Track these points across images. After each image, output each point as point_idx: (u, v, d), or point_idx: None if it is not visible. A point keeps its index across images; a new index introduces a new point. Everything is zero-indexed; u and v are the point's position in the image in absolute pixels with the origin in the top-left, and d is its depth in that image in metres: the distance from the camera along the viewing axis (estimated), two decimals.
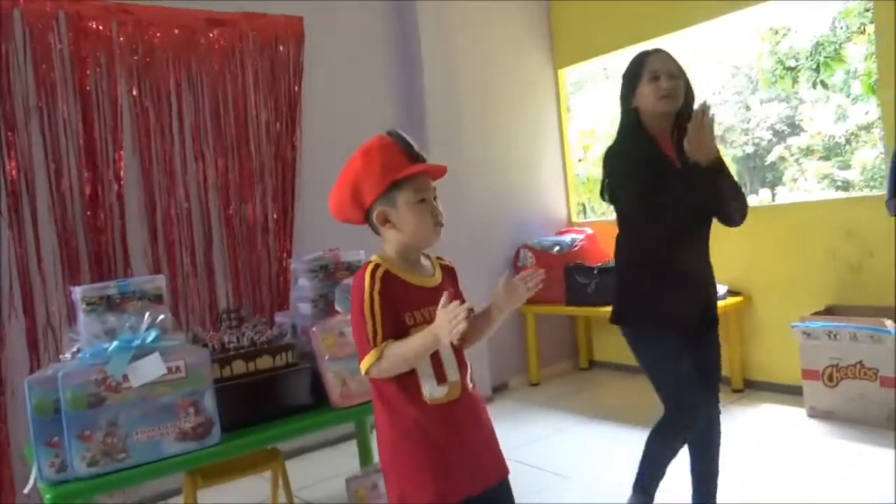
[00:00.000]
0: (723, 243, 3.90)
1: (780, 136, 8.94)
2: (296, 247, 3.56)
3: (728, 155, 9.80)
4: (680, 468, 2.25)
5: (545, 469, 3.07)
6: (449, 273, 1.65)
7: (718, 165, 2.01)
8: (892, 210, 3.00)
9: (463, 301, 1.45)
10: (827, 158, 7.92)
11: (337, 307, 2.36)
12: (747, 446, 3.10)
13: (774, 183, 9.00)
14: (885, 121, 3.39)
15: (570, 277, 4.19)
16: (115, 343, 1.83)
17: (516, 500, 1.67)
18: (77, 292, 1.98)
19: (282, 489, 2.67)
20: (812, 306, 3.53)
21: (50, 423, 1.77)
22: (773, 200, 9.30)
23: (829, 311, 3.46)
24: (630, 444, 2.26)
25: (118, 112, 3.08)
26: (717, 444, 2.28)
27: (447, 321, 1.36)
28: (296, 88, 3.62)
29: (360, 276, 1.50)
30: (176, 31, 3.24)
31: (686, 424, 2.14)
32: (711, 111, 1.94)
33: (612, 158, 2.17)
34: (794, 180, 8.51)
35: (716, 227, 2.28)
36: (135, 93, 3.13)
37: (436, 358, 1.50)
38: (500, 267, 4.57)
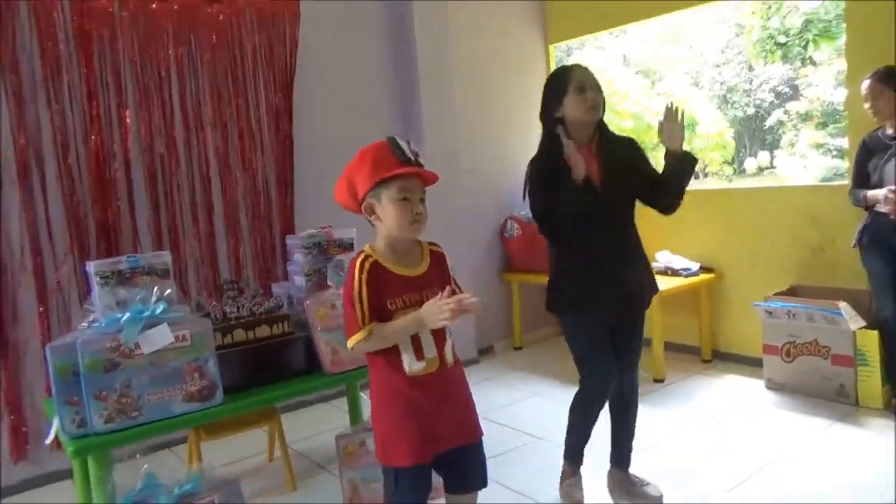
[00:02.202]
0: (698, 223, 4.15)
1: (781, 97, 8.94)
2: (296, 219, 3.74)
3: (729, 116, 9.89)
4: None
5: (521, 430, 3.31)
6: (437, 259, 1.87)
7: (686, 154, 2.34)
8: (853, 200, 3.21)
9: (452, 285, 1.77)
10: (825, 125, 8.01)
11: (329, 282, 2.55)
12: (709, 413, 3.35)
13: (773, 146, 9.10)
14: (848, 115, 3.55)
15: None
16: (127, 314, 2.02)
17: (494, 458, 1.92)
18: (91, 267, 2.17)
19: (277, 443, 2.92)
20: (778, 285, 3.76)
21: (70, 385, 1.96)
22: (772, 165, 9.42)
23: (793, 291, 3.68)
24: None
25: (122, 86, 3.21)
26: (632, 415, 2.57)
27: (434, 312, 1.63)
28: (292, 62, 3.74)
29: (351, 264, 1.75)
30: (175, 7, 3.34)
31: (596, 393, 2.45)
32: (681, 108, 2.29)
33: (529, 167, 2.42)
34: (792, 145, 8.61)
35: (690, 207, 2.54)
36: (137, 67, 3.25)
37: (415, 338, 1.75)
38: (487, 237, 4.76)
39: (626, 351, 2.47)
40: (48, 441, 2.19)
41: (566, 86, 2.32)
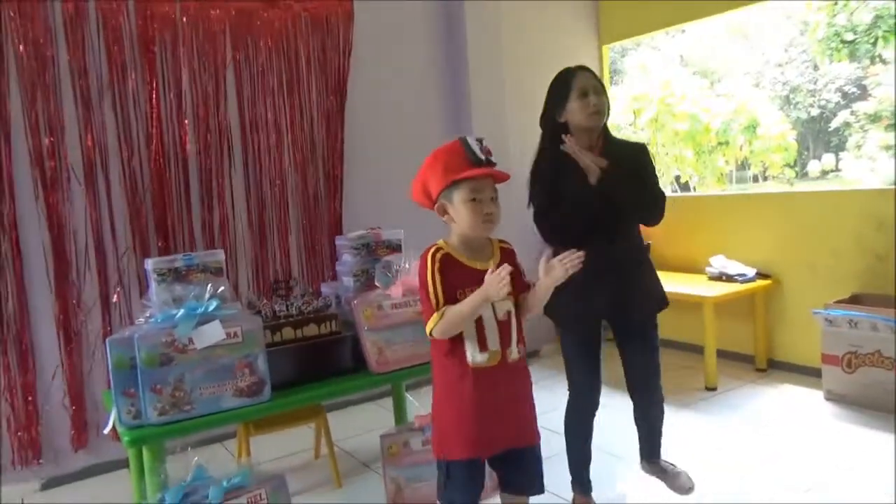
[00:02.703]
0: (755, 227, 4.03)
1: (848, 97, 8.63)
2: (345, 221, 3.80)
3: (792, 117, 9.57)
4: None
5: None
6: (507, 255, 1.92)
7: (608, 181, 2.21)
8: None
9: (521, 279, 1.85)
10: (895, 127, 7.65)
11: (376, 282, 2.58)
12: (762, 422, 3.25)
13: (839, 148, 8.76)
14: None
15: None
16: (181, 310, 2.10)
17: (543, 461, 1.92)
18: (149, 264, 2.26)
19: (324, 440, 2.97)
20: (838, 292, 3.61)
21: (127, 377, 2.05)
22: (837, 167, 9.05)
23: (855, 299, 3.53)
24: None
25: (181, 89, 3.32)
26: (656, 424, 2.53)
27: (495, 282, 1.66)
28: (345, 64, 3.80)
29: (424, 257, 1.82)
30: (233, 13, 3.44)
31: (579, 406, 2.43)
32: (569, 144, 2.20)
33: (532, 172, 2.38)
34: (859, 147, 8.25)
35: (747, 211, 2.45)
36: (195, 71, 3.36)
37: (480, 329, 1.78)
38: (537, 238, 4.72)
39: (636, 366, 2.42)
40: (106, 430, 2.29)
41: (569, 90, 2.28)
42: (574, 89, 2.26)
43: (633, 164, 2.31)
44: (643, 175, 2.33)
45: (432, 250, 1.81)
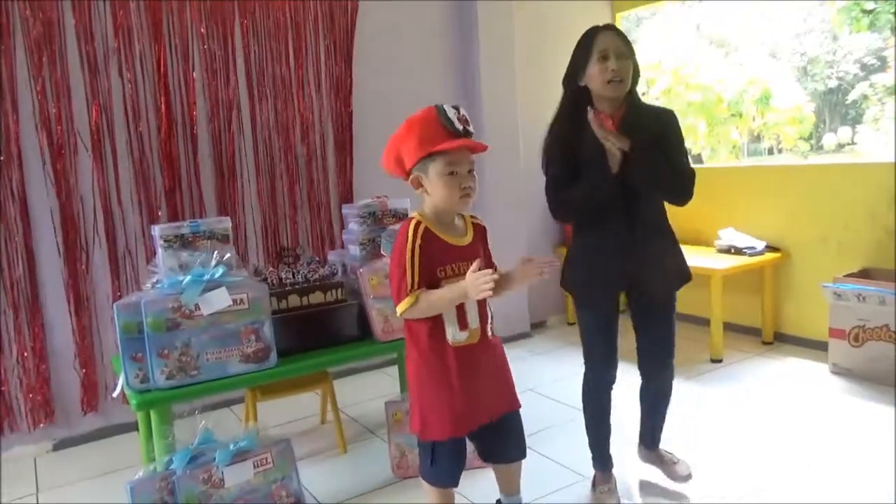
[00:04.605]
0: (766, 200, 3.99)
1: (867, 69, 8.42)
2: (355, 189, 3.79)
3: (809, 89, 9.36)
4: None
5: (569, 405, 3.28)
6: (480, 232, 1.88)
7: (631, 167, 2.06)
8: None
9: (490, 259, 1.79)
10: None
11: (382, 251, 2.59)
12: (767, 395, 3.26)
13: (856, 121, 8.61)
14: None
15: None
16: (188, 277, 2.11)
17: (541, 431, 1.94)
18: (156, 230, 2.26)
19: (329, 407, 3.00)
20: (848, 267, 3.58)
21: (135, 342, 2.07)
22: (853, 140, 8.89)
23: (864, 273, 3.50)
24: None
25: (189, 55, 3.30)
26: (661, 405, 2.46)
27: (476, 283, 1.61)
28: (352, 30, 3.75)
29: (403, 230, 1.74)
30: None
31: (595, 380, 2.36)
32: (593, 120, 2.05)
33: (545, 136, 2.24)
34: (876, 120, 8.11)
35: (758, 183, 2.33)
36: (203, 37, 3.32)
37: (460, 308, 1.75)
38: (543, 211, 4.68)
39: (649, 341, 2.34)
40: (115, 394, 2.33)
41: (590, 52, 2.08)
42: (594, 52, 2.06)
43: (658, 136, 2.11)
44: (669, 150, 2.11)
45: (413, 223, 1.73)
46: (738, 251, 3.95)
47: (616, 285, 2.26)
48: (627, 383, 2.46)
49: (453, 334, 1.76)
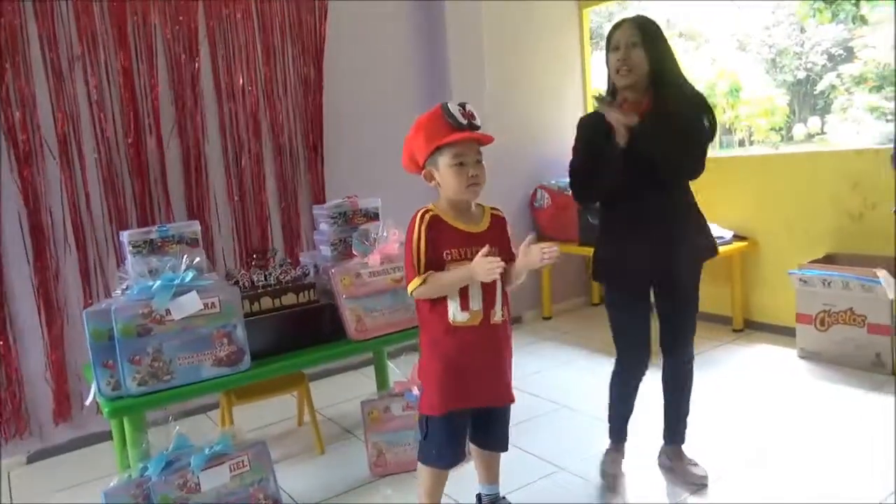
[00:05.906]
0: (733, 191, 4.06)
1: (834, 60, 8.57)
2: (327, 190, 3.78)
3: (778, 80, 9.52)
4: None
5: (547, 398, 3.33)
6: (498, 222, 1.97)
7: (638, 138, 2.08)
8: (894, 164, 3.10)
9: (510, 249, 1.90)
10: (880, 88, 7.65)
11: (354, 251, 2.60)
12: (737, 381, 3.32)
13: (825, 111, 8.77)
14: None
15: (584, 218, 4.34)
16: (158, 282, 2.10)
17: (520, 424, 2.00)
18: (125, 236, 2.26)
19: (306, 408, 3.01)
20: (814, 253, 3.67)
21: (105, 349, 2.07)
22: (822, 131, 9.08)
23: (829, 259, 3.58)
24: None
25: (154, 59, 3.27)
26: (685, 389, 2.45)
27: (485, 266, 1.72)
28: (322, 31, 3.75)
29: (413, 218, 1.87)
30: None
31: (628, 367, 2.39)
32: (598, 97, 2.15)
33: (576, 127, 2.34)
34: (844, 110, 8.28)
35: (726, 174, 2.36)
36: (168, 40, 3.30)
37: (463, 289, 1.84)
38: (517, 206, 4.74)
39: (673, 322, 2.33)
40: (88, 402, 2.31)
41: (608, 46, 2.18)
42: (610, 45, 2.17)
43: (677, 116, 2.10)
44: (683, 127, 2.10)
45: (421, 212, 1.86)
46: None
47: (643, 267, 2.25)
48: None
49: (454, 313, 1.85)
